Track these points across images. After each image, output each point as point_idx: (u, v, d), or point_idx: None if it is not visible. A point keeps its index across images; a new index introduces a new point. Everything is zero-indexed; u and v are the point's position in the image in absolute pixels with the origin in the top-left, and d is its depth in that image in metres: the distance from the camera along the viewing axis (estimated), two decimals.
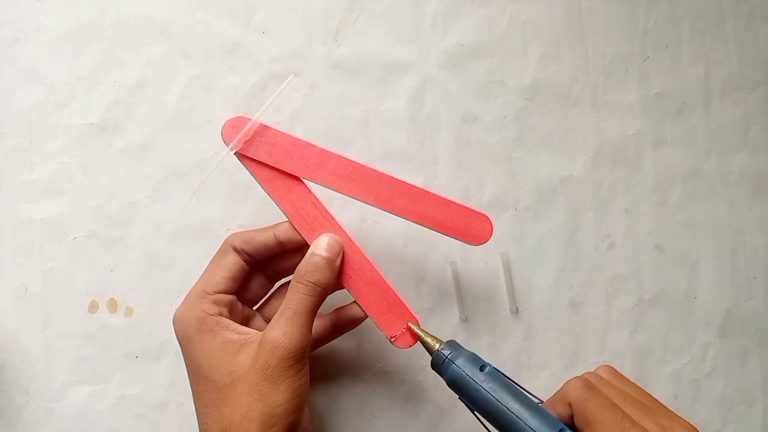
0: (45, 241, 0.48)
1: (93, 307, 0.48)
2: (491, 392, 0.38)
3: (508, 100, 0.51)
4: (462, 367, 0.39)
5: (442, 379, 0.40)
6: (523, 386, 0.39)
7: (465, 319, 0.49)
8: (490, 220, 0.43)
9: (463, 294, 0.49)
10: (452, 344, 0.41)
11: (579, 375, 0.41)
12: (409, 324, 0.42)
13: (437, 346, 0.41)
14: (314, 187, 0.43)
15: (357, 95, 0.50)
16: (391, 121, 0.50)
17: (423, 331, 0.42)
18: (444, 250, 0.49)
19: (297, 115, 0.49)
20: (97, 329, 0.48)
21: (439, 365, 0.40)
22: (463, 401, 0.40)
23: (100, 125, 0.48)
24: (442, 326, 0.49)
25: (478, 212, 0.43)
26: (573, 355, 0.50)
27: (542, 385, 0.49)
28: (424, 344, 0.42)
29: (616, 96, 0.51)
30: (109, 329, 0.48)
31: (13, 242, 0.48)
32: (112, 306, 0.48)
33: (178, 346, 0.41)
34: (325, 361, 0.48)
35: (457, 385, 0.40)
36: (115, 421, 0.47)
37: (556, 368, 0.49)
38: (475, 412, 0.40)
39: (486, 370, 0.39)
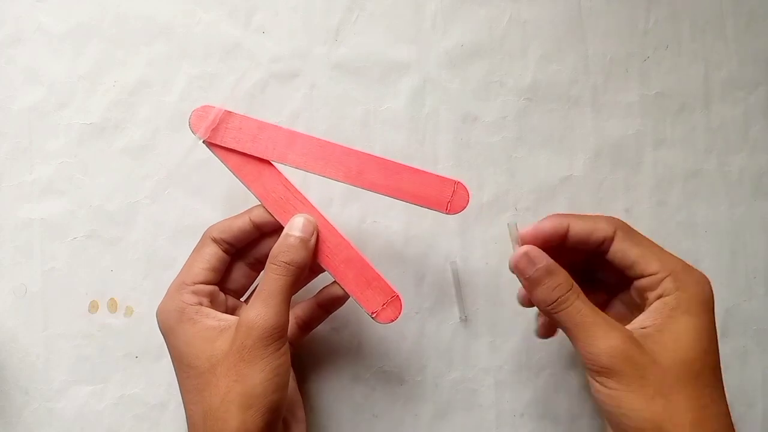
0: (45, 241, 0.48)
1: (93, 307, 0.48)
2: None
3: (508, 100, 0.51)
4: None
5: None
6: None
7: (465, 319, 0.49)
8: (466, 187, 0.42)
9: (463, 294, 0.49)
10: None
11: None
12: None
13: None
14: (286, 170, 0.43)
15: (357, 95, 0.50)
16: (391, 121, 0.50)
17: None
18: (444, 250, 0.49)
19: (297, 115, 0.49)
20: (97, 329, 0.48)
21: None
22: None
23: (100, 125, 0.48)
24: (442, 326, 0.49)
25: (451, 180, 0.42)
26: (573, 355, 0.49)
27: (542, 385, 0.49)
28: None
29: (616, 96, 0.51)
30: (109, 329, 0.48)
31: (13, 242, 0.48)
32: (112, 306, 0.48)
33: None
34: (325, 361, 0.48)
35: None
36: (115, 421, 0.47)
37: (556, 368, 0.49)
38: None
39: None
